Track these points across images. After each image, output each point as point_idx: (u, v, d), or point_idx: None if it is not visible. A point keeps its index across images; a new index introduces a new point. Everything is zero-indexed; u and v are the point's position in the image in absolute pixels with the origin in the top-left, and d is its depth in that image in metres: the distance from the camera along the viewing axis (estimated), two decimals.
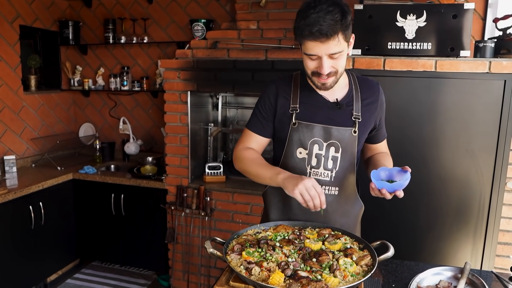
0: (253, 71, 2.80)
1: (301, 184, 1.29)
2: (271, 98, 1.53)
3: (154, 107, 3.84)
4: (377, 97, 1.56)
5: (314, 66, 1.37)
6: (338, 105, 1.49)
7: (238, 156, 1.57)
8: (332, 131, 1.47)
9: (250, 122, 1.60)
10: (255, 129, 1.58)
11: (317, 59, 1.35)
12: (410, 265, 1.47)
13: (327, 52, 1.31)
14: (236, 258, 1.25)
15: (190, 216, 3.09)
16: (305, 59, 1.39)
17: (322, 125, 1.47)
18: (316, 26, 1.26)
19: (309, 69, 1.39)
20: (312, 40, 1.29)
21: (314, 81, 1.42)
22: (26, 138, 3.65)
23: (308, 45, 1.32)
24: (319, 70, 1.36)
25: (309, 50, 1.33)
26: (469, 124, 2.18)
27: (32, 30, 3.70)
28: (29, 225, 3.03)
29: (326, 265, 1.21)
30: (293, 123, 1.49)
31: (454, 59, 2.15)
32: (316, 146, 1.49)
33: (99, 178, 3.35)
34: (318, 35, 1.27)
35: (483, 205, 2.23)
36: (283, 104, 1.51)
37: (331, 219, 1.54)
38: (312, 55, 1.34)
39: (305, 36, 1.30)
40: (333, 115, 1.48)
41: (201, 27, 3.17)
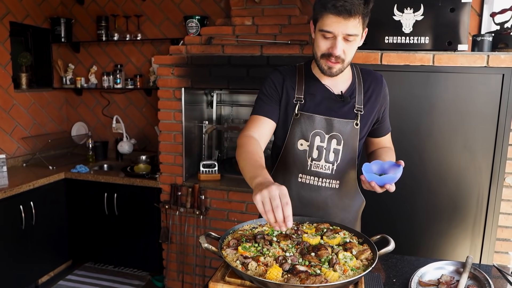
0: (248, 67, 2.76)
1: (265, 190, 1.07)
2: (277, 85, 1.49)
3: (148, 106, 3.79)
4: (380, 90, 1.54)
5: (326, 47, 1.33)
6: (342, 97, 1.46)
7: (239, 143, 1.44)
8: (334, 123, 1.44)
9: (255, 108, 1.51)
10: (261, 112, 1.48)
11: (331, 39, 1.31)
12: (410, 260, 1.43)
13: (344, 32, 1.28)
14: (232, 253, 1.21)
15: (185, 215, 3.04)
16: (318, 38, 1.35)
17: (324, 117, 1.45)
18: (341, 1, 1.24)
19: (320, 50, 1.35)
20: (334, 14, 1.26)
21: (322, 64, 1.38)
22: (17, 137, 3.58)
23: (328, 20, 1.28)
24: (331, 51, 1.32)
25: (326, 26, 1.29)
26: (467, 119, 2.16)
27: (23, 27, 3.63)
28: (20, 225, 2.96)
29: (325, 259, 1.17)
30: (295, 114, 1.46)
31: (452, 53, 2.13)
32: (317, 138, 1.45)
33: (91, 177, 3.29)
34: (342, 10, 1.24)
35: (481, 201, 2.20)
36: (288, 93, 1.48)
37: (331, 214, 1.51)
38: (328, 32, 1.29)
39: (327, 9, 1.26)
40: (336, 107, 1.46)
41: (195, 24, 3.14)
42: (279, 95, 1.49)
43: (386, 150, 1.61)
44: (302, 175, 1.49)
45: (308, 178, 1.49)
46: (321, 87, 1.47)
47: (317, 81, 1.48)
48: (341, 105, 1.46)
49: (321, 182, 1.48)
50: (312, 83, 1.48)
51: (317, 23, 1.34)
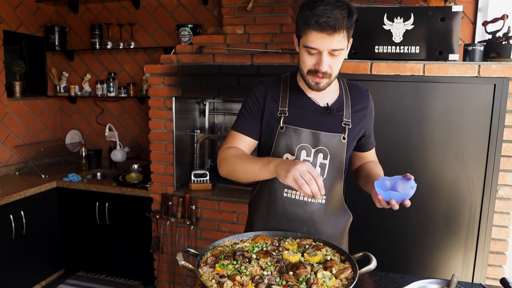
0: (238, 76, 2.74)
1: (294, 169, 1.17)
2: (259, 99, 1.46)
3: (141, 114, 3.77)
4: (367, 104, 1.52)
5: (312, 63, 1.31)
6: (328, 109, 1.43)
7: (222, 157, 1.44)
8: (321, 136, 1.41)
9: (237, 123, 1.50)
10: (242, 129, 1.47)
11: (317, 55, 1.29)
12: (394, 278, 1.39)
13: (329, 47, 1.26)
14: (208, 271, 1.18)
15: (176, 225, 3.01)
16: (303, 54, 1.32)
17: (311, 130, 1.41)
18: (324, 17, 1.22)
19: (306, 66, 1.33)
20: (317, 31, 1.24)
21: (308, 80, 1.35)
22: (10, 146, 3.56)
23: (312, 36, 1.26)
24: (317, 67, 1.30)
25: (311, 43, 1.27)
26: (458, 129, 2.12)
27: (17, 35, 3.63)
28: (10, 235, 2.94)
29: (303, 279, 1.14)
30: (280, 127, 1.42)
31: (443, 63, 2.10)
32: (303, 152, 1.42)
33: (83, 186, 3.26)
34: (325, 26, 1.22)
35: (474, 213, 2.16)
36: (271, 106, 1.45)
37: (318, 229, 1.47)
38: (313, 49, 1.28)
39: (310, 26, 1.24)
40: (322, 120, 1.43)
41: (188, 32, 3.12)
42: (260, 110, 1.46)
43: (373, 164, 1.58)
44: (287, 190, 1.45)
45: (294, 193, 1.45)
46: (306, 99, 1.44)
47: (302, 94, 1.45)
48: (327, 118, 1.43)
49: (307, 197, 1.44)
50: (297, 96, 1.45)
51: (300, 38, 1.32)
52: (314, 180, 1.16)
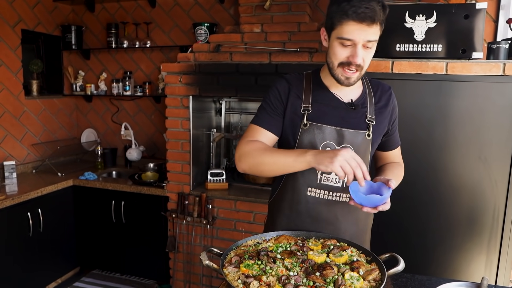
0: (256, 75, 2.72)
1: (339, 156, 1.16)
2: (282, 94, 1.43)
3: (157, 113, 3.78)
4: (389, 101, 1.49)
5: (345, 55, 1.28)
6: (353, 105, 1.41)
7: (244, 151, 1.37)
8: (345, 133, 1.38)
9: (258, 117, 1.44)
10: (264, 123, 1.42)
11: (351, 47, 1.27)
12: (422, 280, 1.36)
13: (365, 38, 1.24)
14: (233, 271, 1.16)
15: (192, 224, 3.01)
16: (335, 47, 1.29)
17: (335, 127, 1.38)
18: (362, 8, 1.20)
19: (338, 59, 1.29)
20: (355, 21, 1.22)
21: (338, 74, 1.32)
22: (27, 144, 3.60)
23: (348, 27, 1.23)
24: (351, 59, 1.27)
25: (347, 34, 1.24)
26: (482, 129, 2.08)
27: (35, 34, 3.66)
28: (27, 233, 2.96)
29: (330, 280, 1.11)
30: (304, 124, 1.39)
31: (466, 61, 2.05)
32: (328, 149, 1.39)
33: (99, 185, 3.28)
34: (364, 17, 1.21)
35: (497, 215, 2.11)
36: (294, 102, 1.41)
37: (341, 228, 1.45)
38: (348, 40, 1.25)
39: (349, 16, 1.22)
40: (346, 117, 1.40)
41: (204, 31, 3.11)
42: (283, 105, 1.43)
43: (394, 165, 1.55)
44: (311, 189, 1.42)
45: (318, 191, 1.42)
46: (330, 96, 1.42)
47: (325, 90, 1.42)
48: (352, 114, 1.40)
49: (331, 196, 1.41)
50: (320, 92, 1.42)
51: (333, 30, 1.29)
52: (359, 167, 1.17)
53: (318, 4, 3.07)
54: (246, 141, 1.40)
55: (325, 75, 1.43)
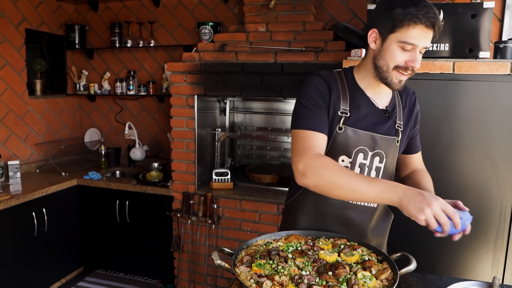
0: (262, 74, 2.72)
1: (427, 210, 1.08)
2: (324, 94, 1.34)
3: (161, 112, 3.78)
4: (414, 106, 1.50)
5: (403, 59, 1.25)
6: (387, 113, 1.40)
7: (311, 166, 1.24)
8: (378, 139, 1.37)
9: (304, 119, 1.32)
10: (315, 126, 1.31)
11: (410, 52, 1.25)
12: (432, 279, 1.36)
13: (426, 44, 1.24)
14: (245, 270, 1.16)
15: (197, 223, 3.00)
16: (394, 50, 1.26)
17: (370, 133, 1.36)
18: (431, 13, 1.19)
19: (396, 61, 1.26)
20: (424, 26, 1.20)
21: (391, 77, 1.29)
22: (30, 143, 3.60)
23: (414, 31, 1.21)
24: (410, 64, 1.25)
25: (412, 38, 1.22)
26: (489, 129, 2.08)
27: (38, 34, 3.66)
28: (32, 232, 2.96)
29: (343, 279, 1.11)
30: (339, 128, 1.35)
31: (473, 61, 2.05)
32: (361, 155, 1.37)
33: (103, 184, 3.28)
34: (433, 22, 1.20)
35: (504, 214, 2.11)
36: (334, 103, 1.35)
37: (368, 233, 1.45)
38: (410, 44, 1.23)
39: (420, 20, 1.19)
40: (380, 123, 1.39)
41: (208, 30, 3.11)
42: (327, 104, 1.35)
43: (422, 174, 1.53)
44: None
45: None
46: (366, 99, 1.39)
47: (362, 93, 1.38)
48: (384, 120, 1.39)
49: None
50: (357, 95, 1.38)
51: (393, 33, 1.25)
52: (449, 222, 1.10)
53: (323, 4, 3.06)
54: (311, 154, 1.27)
55: (362, 77, 1.39)
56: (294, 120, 1.36)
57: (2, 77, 3.29)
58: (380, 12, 1.29)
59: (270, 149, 3.46)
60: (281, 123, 3.36)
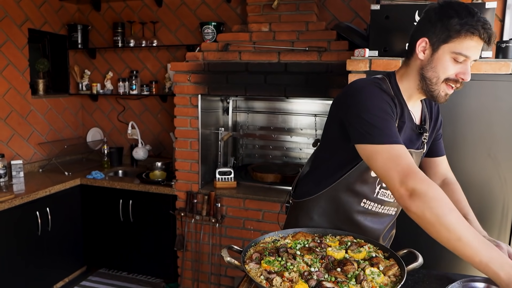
0: (265, 73, 2.74)
1: None
2: (392, 106, 1.26)
3: (163, 112, 3.79)
4: (438, 114, 1.49)
5: (454, 71, 1.22)
6: (421, 130, 1.38)
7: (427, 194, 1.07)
8: (413, 154, 1.36)
9: (386, 134, 1.18)
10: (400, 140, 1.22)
11: (462, 64, 1.21)
12: (438, 275, 1.38)
13: (477, 57, 1.22)
14: (255, 267, 1.17)
15: (200, 222, 3.02)
16: (446, 61, 1.21)
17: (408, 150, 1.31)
18: (488, 25, 1.16)
19: (447, 73, 1.22)
20: (481, 38, 1.17)
21: (439, 90, 1.25)
22: (33, 143, 3.61)
23: (471, 43, 1.18)
24: (461, 76, 1.22)
25: (466, 50, 1.18)
26: (491, 128, 2.10)
27: (41, 33, 3.67)
28: (36, 231, 2.97)
29: (352, 275, 1.13)
30: None
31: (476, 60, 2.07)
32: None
33: (107, 184, 3.29)
34: (490, 35, 1.17)
35: (506, 212, 2.13)
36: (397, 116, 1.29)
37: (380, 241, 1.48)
38: (464, 56, 1.19)
39: (478, 30, 1.16)
40: (413, 138, 1.37)
41: (211, 30, 3.13)
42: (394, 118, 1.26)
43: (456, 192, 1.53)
44: (366, 201, 1.41)
45: (372, 204, 1.42)
46: (408, 114, 1.34)
47: (405, 105, 1.33)
48: (418, 136, 1.39)
49: (382, 209, 1.43)
50: (404, 109, 1.32)
51: (447, 43, 1.20)
52: None
53: (325, 4, 3.08)
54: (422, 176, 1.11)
55: (405, 89, 1.33)
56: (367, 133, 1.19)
57: (5, 76, 3.31)
58: (432, 21, 1.23)
59: (273, 149, 3.48)
60: (283, 123, 3.38)
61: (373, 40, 2.21)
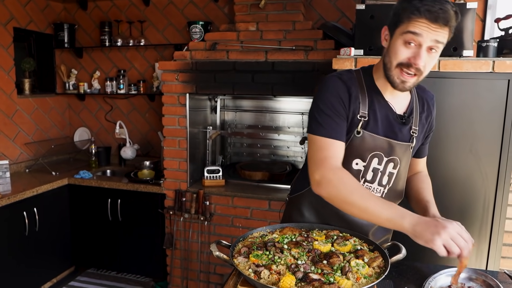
0: (253, 72, 2.77)
1: (444, 233, 1.09)
2: (343, 98, 1.31)
3: (151, 111, 3.79)
4: (431, 111, 1.47)
5: (406, 56, 1.21)
6: (403, 119, 1.37)
7: (328, 178, 1.25)
8: (395, 146, 1.36)
9: (322, 126, 1.29)
10: (334, 133, 1.29)
11: (415, 48, 1.20)
12: (421, 267, 1.43)
13: (433, 38, 1.17)
14: (243, 261, 1.20)
15: (189, 221, 3.04)
16: (397, 45, 1.22)
17: (387, 139, 1.35)
18: (436, 7, 1.14)
19: (398, 59, 1.23)
20: (427, 20, 1.15)
21: (394, 76, 1.26)
22: (19, 143, 3.57)
23: (418, 24, 1.16)
24: (412, 60, 1.20)
25: (413, 28, 1.17)
26: (473, 124, 2.16)
27: (26, 32, 3.64)
28: (23, 232, 2.95)
29: (337, 267, 1.17)
30: (357, 131, 1.33)
31: (458, 59, 2.13)
32: (375, 159, 1.36)
33: (95, 183, 3.28)
34: (437, 17, 1.14)
35: (487, 206, 2.19)
36: (354, 107, 1.32)
37: (370, 235, 1.47)
38: (414, 35, 1.18)
39: (421, 13, 1.15)
40: (397, 128, 1.36)
41: (199, 29, 3.14)
42: (346, 110, 1.32)
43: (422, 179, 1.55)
44: None
45: None
46: (385, 104, 1.35)
47: (380, 96, 1.35)
48: (401, 126, 1.37)
49: None
50: (376, 98, 1.35)
51: (398, 27, 1.22)
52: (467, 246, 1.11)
53: (312, 3, 3.12)
54: (329, 165, 1.26)
55: (379, 78, 1.35)
56: (313, 125, 1.32)
57: None
58: (390, 9, 1.27)
59: (261, 147, 3.51)
60: (271, 121, 3.41)
61: (358, 39, 2.25)
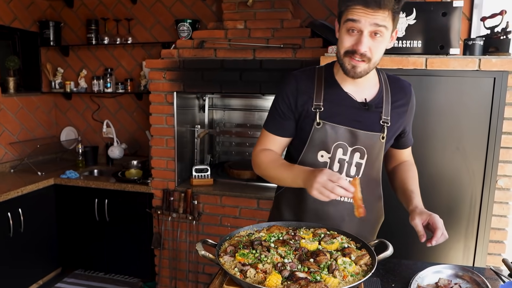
0: (241, 70, 2.75)
1: (315, 183, 1.20)
2: (290, 96, 1.40)
3: (139, 110, 3.75)
4: (408, 100, 1.46)
5: (350, 43, 1.25)
6: (366, 105, 1.37)
7: (256, 161, 1.48)
8: (359, 135, 1.36)
9: (267, 122, 1.49)
10: (272, 129, 1.47)
11: (357, 36, 1.23)
12: (408, 264, 1.43)
13: (372, 22, 1.20)
14: (229, 260, 1.19)
15: (177, 220, 3.01)
16: (342, 34, 1.27)
17: (349, 128, 1.36)
18: None
19: (344, 47, 1.26)
20: (360, 5, 1.19)
21: (345, 63, 1.28)
22: (4, 143, 3.51)
23: (355, 11, 1.21)
24: (356, 47, 1.24)
25: (351, 15, 1.22)
26: (459, 122, 2.17)
27: (11, 30, 3.57)
28: (8, 233, 2.90)
29: (324, 265, 1.16)
30: (317, 123, 1.36)
31: (445, 57, 2.14)
32: (340, 150, 1.37)
33: (81, 183, 3.24)
34: (370, 1, 1.18)
35: (474, 203, 2.21)
36: (305, 101, 1.38)
37: (346, 227, 1.43)
38: (354, 22, 1.22)
39: (355, 1, 1.20)
40: (360, 117, 1.36)
41: (187, 27, 3.11)
42: (291, 109, 1.41)
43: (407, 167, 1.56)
44: None
45: None
46: (342, 94, 1.37)
47: (338, 87, 1.38)
48: (366, 115, 1.37)
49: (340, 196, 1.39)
50: (333, 89, 1.38)
51: (341, 17, 1.27)
52: (337, 186, 1.19)
53: (300, 1, 3.12)
54: (258, 150, 1.49)
55: (338, 71, 1.38)
56: (267, 117, 1.51)
57: None
58: None
59: (249, 146, 3.50)
60: (260, 120, 3.40)
61: None
